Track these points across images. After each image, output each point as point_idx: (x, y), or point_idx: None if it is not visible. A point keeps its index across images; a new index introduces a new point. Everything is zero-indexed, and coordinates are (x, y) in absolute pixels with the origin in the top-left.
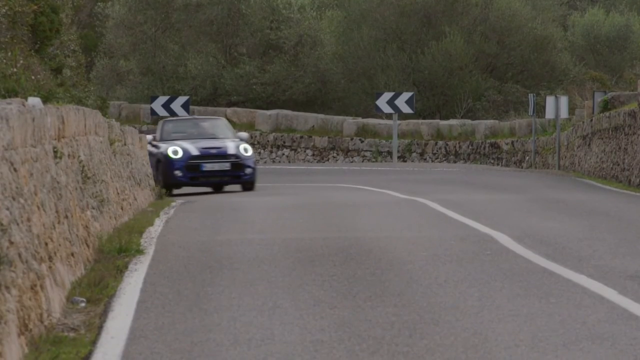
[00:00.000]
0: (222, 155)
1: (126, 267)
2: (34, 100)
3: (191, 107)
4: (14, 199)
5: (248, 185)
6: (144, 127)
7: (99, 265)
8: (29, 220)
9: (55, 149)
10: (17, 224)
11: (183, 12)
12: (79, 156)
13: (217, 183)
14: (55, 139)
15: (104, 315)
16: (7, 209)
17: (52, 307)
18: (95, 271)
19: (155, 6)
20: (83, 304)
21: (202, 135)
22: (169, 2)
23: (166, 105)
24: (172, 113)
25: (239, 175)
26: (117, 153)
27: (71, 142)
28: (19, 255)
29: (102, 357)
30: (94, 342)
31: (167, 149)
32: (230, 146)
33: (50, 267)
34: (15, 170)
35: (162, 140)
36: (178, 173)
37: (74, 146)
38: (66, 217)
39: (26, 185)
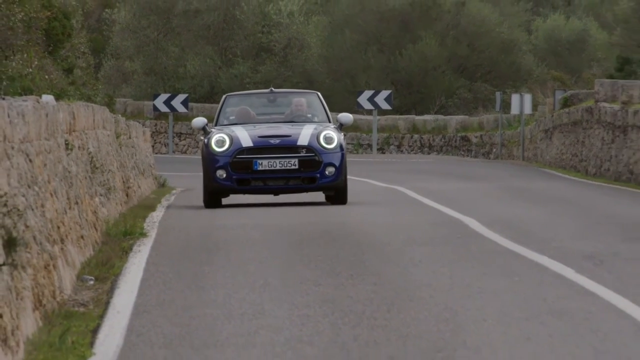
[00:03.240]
0: (287, 147)
1: (131, 249)
2: (48, 98)
3: (190, 104)
4: (29, 187)
5: (329, 191)
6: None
7: (106, 247)
8: (42, 206)
9: (66, 142)
10: (32, 210)
11: (183, 18)
12: (88, 148)
13: (279, 189)
14: (67, 133)
15: (110, 292)
16: (23, 195)
17: (63, 284)
18: (102, 252)
19: (157, 12)
20: (92, 282)
21: (277, 117)
22: (170, 9)
23: (167, 102)
24: (173, 109)
25: (312, 177)
26: (122, 145)
27: (81, 135)
28: (34, 237)
29: (109, 330)
30: (101, 316)
31: (211, 139)
32: (304, 133)
33: (62, 249)
34: (30, 161)
35: (217, 124)
36: (221, 174)
37: (83, 139)
38: (76, 203)
39: (40, 175)
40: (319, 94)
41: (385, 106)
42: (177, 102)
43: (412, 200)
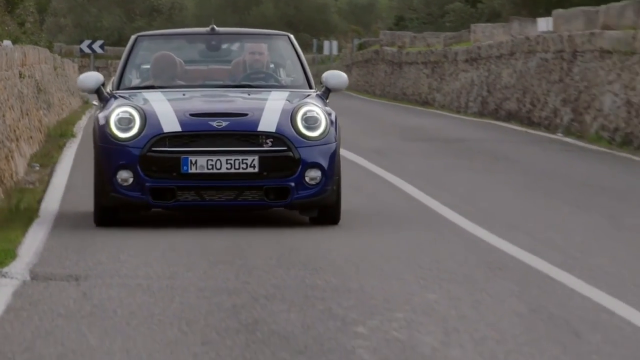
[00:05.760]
0: (240, 135)
1: (65, 145)
2: (7, 42)
3: (106, 47)
4: None
5: (310, 210)
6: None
7: (47, 144)
8: (4, 116)
9: (20, 72)
10: None
11: None
12: (35, 77)
13: (225, 206)
14: (20, 66)
15: (50, 175)
16: None
17: (18, 169)
18: (45, 148)
19: None
20: (38, 168)
21: (221, 76)
22: None
23: (89, 46)
24: (93, 51)
25: (283, 186)
26: (59, 75)
27: (30, 68)
28: None
29: (50, 199)
30: (44, 191)
31: (110, 115)
32: (270, 109)
33: (17, 145)
34: None
35: (121, 86)
36: (124, 178)
37: (32, 71)
38: (27, 114)
39: (2, 95)
40: (290, 36)
41: None
42: (96, 46)
43: None
